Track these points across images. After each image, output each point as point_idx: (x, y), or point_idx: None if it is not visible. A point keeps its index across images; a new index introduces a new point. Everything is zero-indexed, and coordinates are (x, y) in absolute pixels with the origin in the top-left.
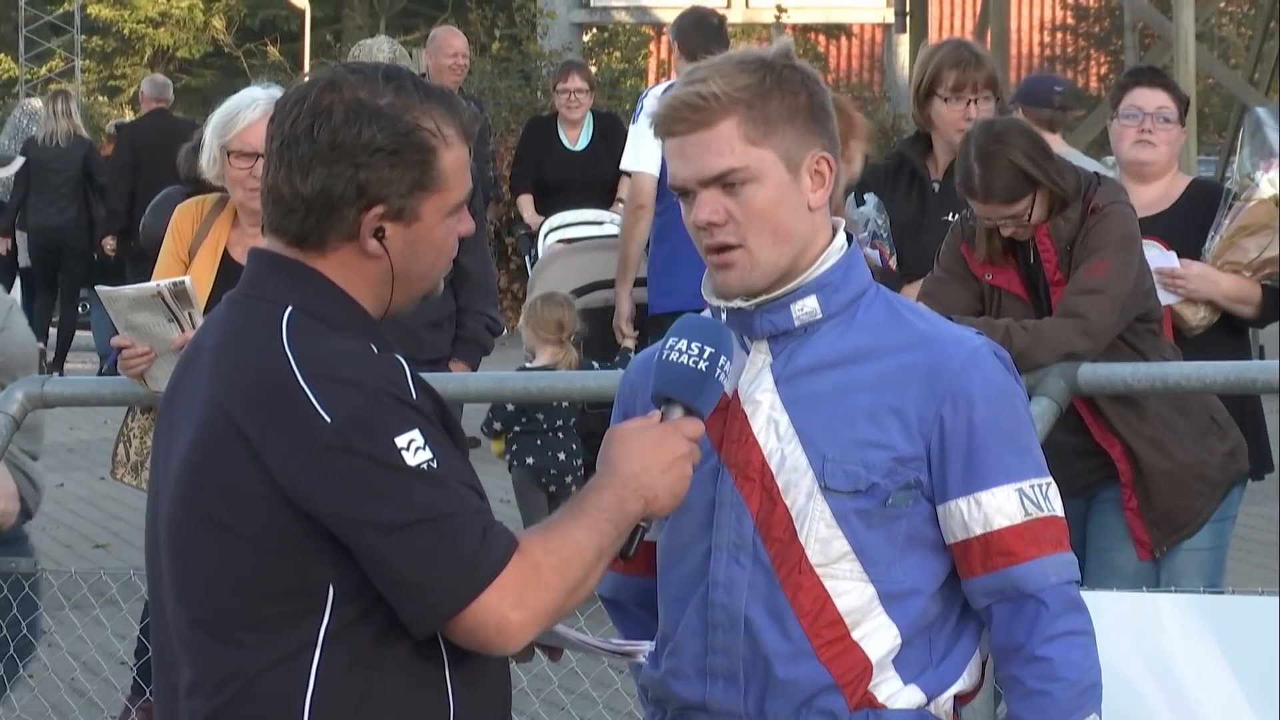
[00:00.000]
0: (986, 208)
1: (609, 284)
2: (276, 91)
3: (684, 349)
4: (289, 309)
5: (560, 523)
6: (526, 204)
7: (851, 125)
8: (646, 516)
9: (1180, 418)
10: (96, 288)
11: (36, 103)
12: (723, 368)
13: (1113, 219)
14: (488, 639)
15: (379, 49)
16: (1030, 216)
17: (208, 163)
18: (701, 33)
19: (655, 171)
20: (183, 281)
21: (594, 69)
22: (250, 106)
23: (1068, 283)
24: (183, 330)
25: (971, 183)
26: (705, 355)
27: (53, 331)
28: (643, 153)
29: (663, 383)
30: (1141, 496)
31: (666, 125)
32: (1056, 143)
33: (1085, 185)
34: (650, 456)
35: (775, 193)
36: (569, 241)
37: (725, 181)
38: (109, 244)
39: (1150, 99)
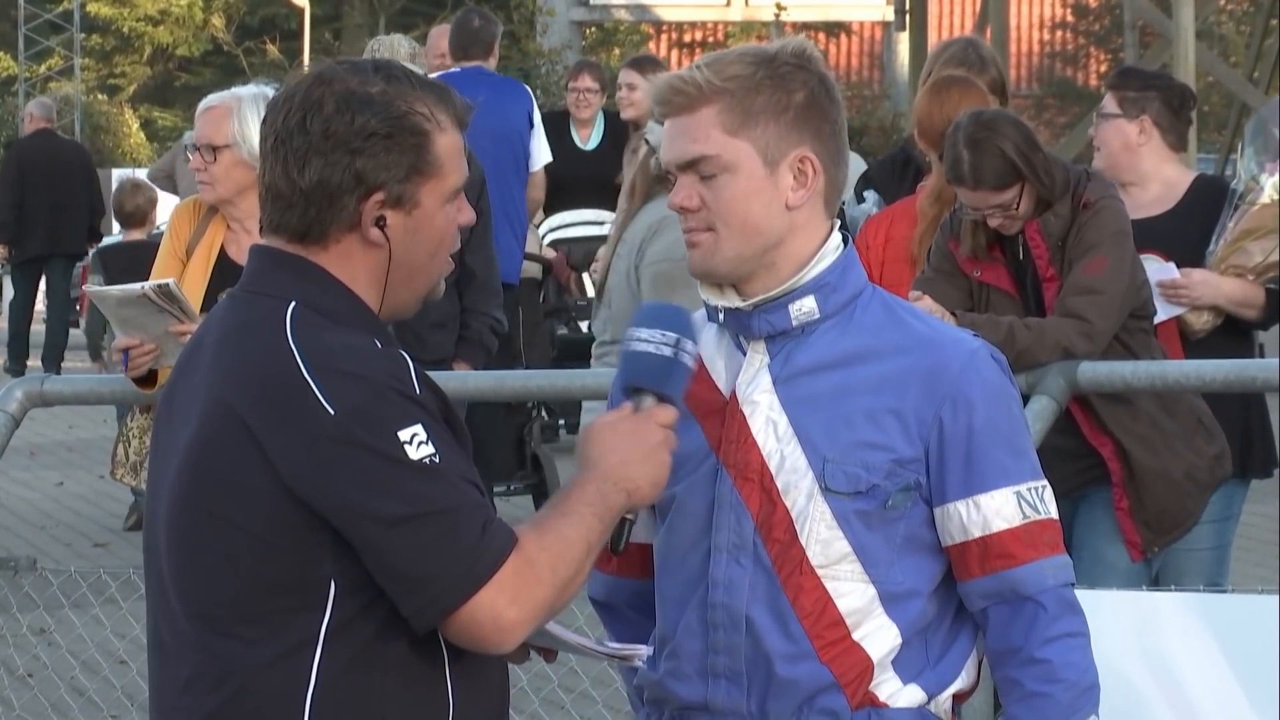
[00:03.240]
0: (974, 195)
1: None
2: (254, 90)
3: (647, 338)
4: (292, 304)
5: (549, 519)
6: None
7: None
8: (630, 508)
9: (1169, 419)
10: (85, 288)
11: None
12: (687, 350)
13: (1105, 214)
14: (484, 635)
15: (399, 45)
16: (1018, 207)
17: None
18: (462, 35)
19: None
20: (167, 284)
21: None
22: (208, 100)
23: (1062, 279)
24: (176, 320)
25: (960, 169)
26: (669, 341)
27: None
28: None
29: (631, 373)
30: (1133, 497)
31: (657, 107)
32: None
33: (1075, 181)
34: (627, 448)
35: (746, 185)
36: (566, 242)
37: (699, 168)
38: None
39: (1104, 103)
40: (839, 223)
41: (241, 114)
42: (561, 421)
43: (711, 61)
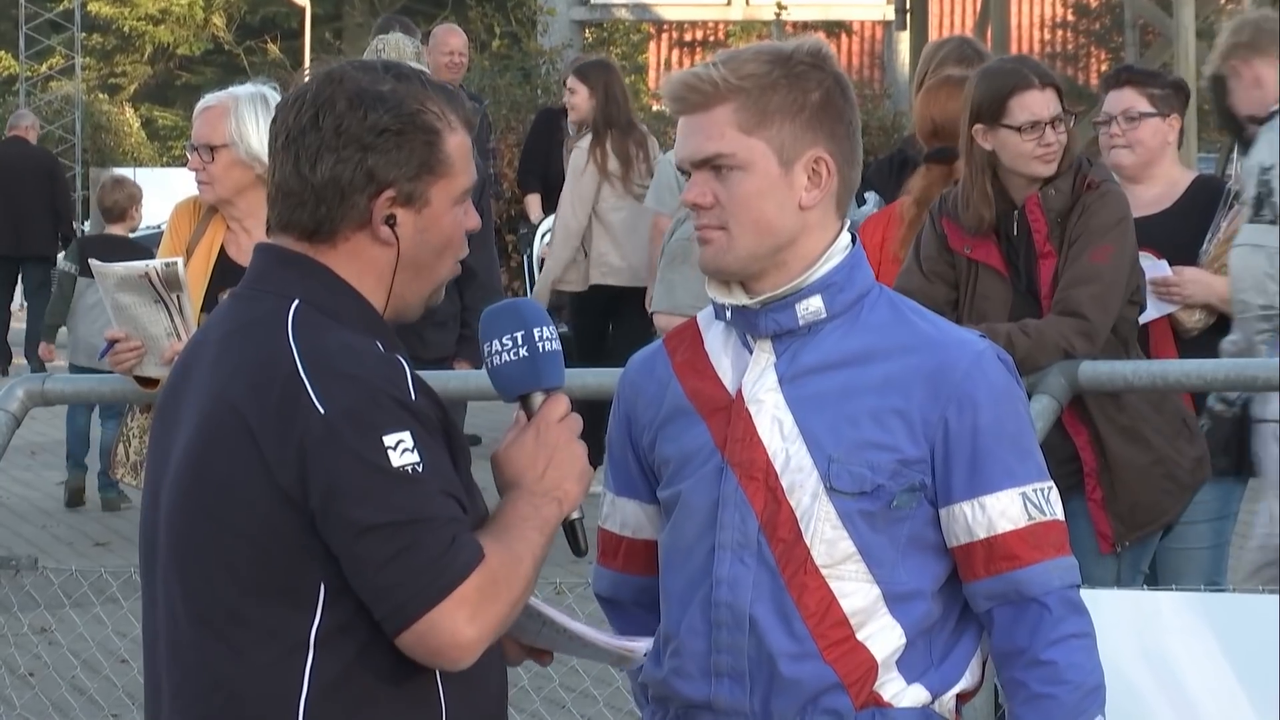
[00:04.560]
0: (1043, 97)
1: None
2: (251, 89)
3: (500, 348)
4: (295, 303)
5: (496, 536)
6: (534, 204)
7: None
8: (565, 513)
9: (1156, 414)
10: (90, 261)
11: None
12: (541, 337)
13: (1111, 198)
14: (439, 650)
15: (404, 45)
16: (1070, 135)
17: None
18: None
19: None
20: (175, 263)
21: None
22: (205, 100)
23: (1060, 257)
24: (170, 315)
25: (1021, 74)
26: (520, 340)
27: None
28: None
29: (506, 387)
30: (1107, 488)
31: (671, 104)
32: None
33: (1078, 162)
34: (539, 459)
35: (761, 184)
36: None
37: (714, 165)
38: None
39: (1116, 101)
40: (848, 222)
41: (239, 113)
42: None
43: (727, 59)
